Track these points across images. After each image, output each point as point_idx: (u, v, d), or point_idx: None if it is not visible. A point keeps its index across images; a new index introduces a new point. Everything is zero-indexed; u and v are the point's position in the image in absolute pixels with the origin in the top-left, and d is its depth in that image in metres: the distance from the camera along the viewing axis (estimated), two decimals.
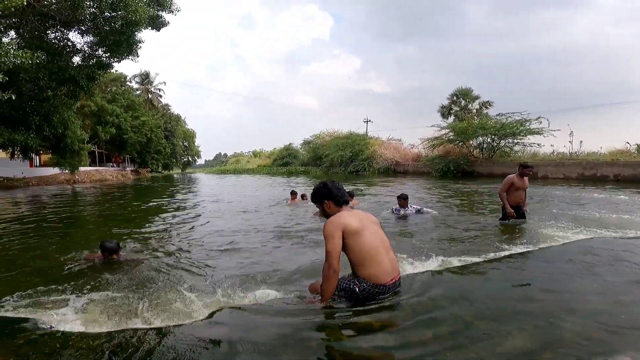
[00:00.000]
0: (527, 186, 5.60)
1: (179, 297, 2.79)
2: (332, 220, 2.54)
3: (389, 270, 2.55)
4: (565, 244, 4.28)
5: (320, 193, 2.72)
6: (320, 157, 35.99)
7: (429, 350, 1.94)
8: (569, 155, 19.40)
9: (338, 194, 2.69)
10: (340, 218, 2.54)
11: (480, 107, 34.71)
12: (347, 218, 2.55)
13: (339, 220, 2.52)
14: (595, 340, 2.04)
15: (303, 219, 7.10)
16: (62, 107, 14.26)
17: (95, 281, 3.21)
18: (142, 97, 47.87)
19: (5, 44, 7.53)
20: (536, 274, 3.25)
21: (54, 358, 1.86)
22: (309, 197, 9.61)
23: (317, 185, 2.79)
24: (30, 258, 4.24)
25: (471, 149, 23.61)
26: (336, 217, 2.58)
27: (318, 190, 2.73)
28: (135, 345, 2.01)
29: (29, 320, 2.35)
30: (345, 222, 2.51)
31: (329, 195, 2.69)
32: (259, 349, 1.98)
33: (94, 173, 28.77)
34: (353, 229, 2.49)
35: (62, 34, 11.90)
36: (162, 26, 12.45)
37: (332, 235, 2.47)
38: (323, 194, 2.70)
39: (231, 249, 4.64)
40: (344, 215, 2.58)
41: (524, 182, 5.50)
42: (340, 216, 2.57)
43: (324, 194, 2.70)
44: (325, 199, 2.69)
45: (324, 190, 2.71)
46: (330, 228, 2.49)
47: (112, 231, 6.09)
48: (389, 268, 2.55)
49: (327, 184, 2.74)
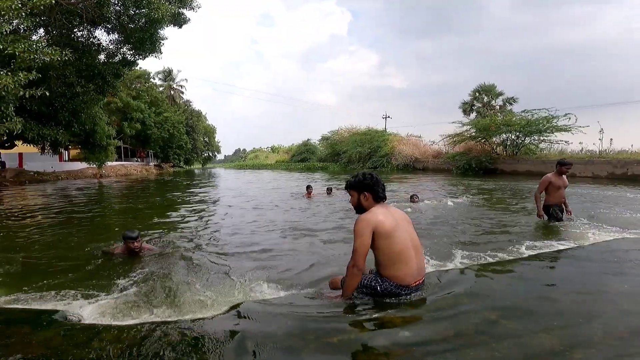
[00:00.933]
0: (567, 184, 5.26)
1: (200, 291, 2.83)
2: (365, 217, 2.42)
3: (414, 273, 2.46)
4: (595, 244, 4.12)
5: (364, 182, 2.55)
6: (339, 153, 35.90)
7: (450, 347, 1.90)
8: (599, 153, 18.55)
9: (380, 189, 2.54)
10: (374, 216, 2.42)
11: (504, 103, 33.63)
12: (381, 216, 2.42)
13: (372, 218, 2.41)
14: (625, 340, 1.97)
15: (321, 213, 7.10)
16: (90, 104, 14.79)
17: (119, 274, 3.30)
18: (164, 93, 48.99)
19: (35, 42, 7.85)
20: (564, 274, 3.15)
21: (84, 350, 1.89)
22: (334, 190, 9.76)
23: (363, 173, 2.61)
24: (58, 250, 4.41)
25: (494, 146, 22.96)
26: (370, 214, 2.45)
27: (363, 178, 2.56)
28: (159, 337, 2.04)
29: (58, 312, 2.41)
30: (378, 220, 2.39)
31: (371, 188, 2.53)
32: (280, 343, 1.98)
33: (119, 168, 29.77)
34: (385, 230, 2.37)
35: (89, 32, 12.31)
36: (184, 23, 12.68)
37: (361, 233, 2.37)
38: (367, 184, 2.54)
39: (250, 243, 4.68)
40: (378, 212, 2.45)
41: (564, 181, 5.17)
42: (374, 213, 2.44)
43: (367, 185, 2.53)
44: (367, 190, 2.53)
45: (369, 181, 2.54)
46: (362, 225, 2.39)
47: (137, 225, 6.27)
48: (415, 271, 2.46)
49: (374, 175, 2.58)
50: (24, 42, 7.35)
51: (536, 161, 19.47)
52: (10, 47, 7.16)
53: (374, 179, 2.56)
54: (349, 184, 2.65)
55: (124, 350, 1.89)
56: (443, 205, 7.77)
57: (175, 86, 54.77)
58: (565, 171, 5.14)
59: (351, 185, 2.62)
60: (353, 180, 2.61)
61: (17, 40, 7.31)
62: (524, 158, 20.49)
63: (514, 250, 3.82)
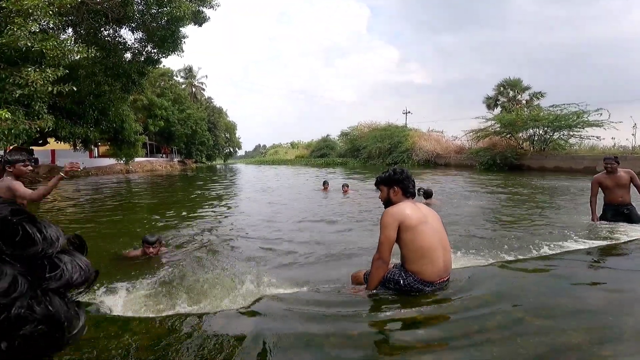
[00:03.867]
0: (627, 181, 4.58)
1: (221, 285, 2.88)
2: (391, 211, 2.44)
3: (440, 270, 2.42)
4: (628, 242, 3.92)
5: (395, 177, 2.57)
6: (358, 148, 35.65)
7: (473, 343, 1.86)
8: (631, 149, 17.56)
9: (410, 185, 2.56)
10: (401, 210, 2.43)
11: (530, 98, 32.40)
12: (408, 210, 2.42)
13: (398, 211, 2.42)
14: None
15: (338, 208, 7.07)
16: (117, 102, 15.30)
17: (144, 269, 3.40)
18: (186, 90, 50.06)
19: (63, 40, 8.16)
20: (596, 272, 3.03)
21: (115, 341, 1.95)
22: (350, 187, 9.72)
23: (394, 168, 2.65)
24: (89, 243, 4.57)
25: (520, 141, 22.16)
26: (396, 207, 2.46)
27: (394, 173, 2.59)
28: (184, 329, 2.09)
29: (91, 305, 2.48)
30: (404, 213, 2.40)
31: (401, 182, 2.55)
32: (301, 337, 1.98)
33: (145, 164, 30.72)
34: (411, 223, 2.37)
35: (115, 31, 12.69)
36: (204, 21, 12.86)
37: (387, 225, 2.39)
38: (397, 179, 2.56)
39: (270, 238, 4.73)
40: (405, 206, 2.46)
41: (617, 178, 4.58)
42: (401, 207, 2.45)
43: (396, 179, 2.56)
44: (396, 185, 2.55)
45: (400, 176, 2.57)
46: (388, 219, 2.41)
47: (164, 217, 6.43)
48: (441, 269, 2.43)
49: (405, 171, 2.62)
50: (52, 40, 7.65)
51: (565, 157, 18.65)
52: (38, 45, 7.46)
53: (404, 174, 2.58)
54: (379, 180, 2.67)
55: (152, 341, 1.95)
56: (464, 202, 7.57)
57: (197, 83, 55.83)
58: (607, 168, 4.61)
59: (382, 180, 2.64)
60: (383, 176, 2.64)
61: (46, 39, 7.62)
62: (553, 154, 19.67)
63: (541, 248, 3.70)
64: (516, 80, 32.89)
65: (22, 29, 7.19)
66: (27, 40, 7.30)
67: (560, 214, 5.83)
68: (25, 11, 7.25)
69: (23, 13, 7.26)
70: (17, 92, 7.59)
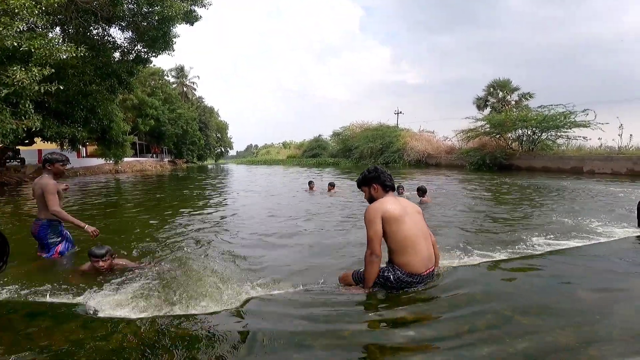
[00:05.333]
0: None
1: (212, 286, 2.86)
2: (373, 206, 2.57)
3: (425, 260, 2.54)
4: (615, 241, 4.02)
5: (370, 176, 2.74)
6: (350, 148, 35.74)
7: (464, 343, 1.89)
8: (618, 149, 17.96)
9: (386, 179, 2.71)
10: (382, 204, 2.56)
11: (519, 98, 32.89)
12: (388, 204, 2.55)
13: (380, 206, 2.54)
14: None
15: (326, 207, 7.12)
16: (105, 101, 15.08)
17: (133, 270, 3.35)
18: (177, 90, 49.60)
19: (51, 39, 8.03)
20: (582, 271, 3.08)
21: (103, 342, 1.94)
22: (337, 186, 9.79)
23: (368, 169, 2.83)
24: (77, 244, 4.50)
25: (509, 141, 22.49)
26: (378, 202, 2.60)
27: (368, 173, 2.77)
28: (175, 330, 2.09)
29: (79, 305, 2.47)
30: (386, 208, 2.52)
31: (377, 179, 2.71)
32: (291, 337, 1.99)
33: (135, 163, 30.32)
34: (393, 215, 2.49)
35: (104, 30, 12.50)
36: (195, 20, 12.75)
37: (372, 220, 2.49)
38: (372, 177, 2.73)
39: (259, 239, 4.72)
40: (386, 201, 2.59)
41: None
42: (382, 202, 2.59)
43: (373, 177, 2.72)
44: (374, 183, 2.71)
45: (374, 174, 2.74)
46: (372, 213, 2.52)
47: (152, 217, 6.37)
48: (426, 258, 2.55)
49: (378, 168, 2.80)
50: (40, 40, 7.52)
51: (553, 157, 18.99)
52: (26, 44, 7.33)
53: (377, 171, 2.76)
54: (358, 182, 2.85)
55: (142, 343, 1.94)
56: (454, 201, 7.67)
57: (188, 83, 55.38)
58: None
59: (359, 182, 2.83)
60: (360, 178, 2.82)
61: (34, 38, 7.48)
62: (541, 154, 20.01)
63: (531, 247, 3.76)
64: (505, 81, 33.35)
65: (9, 29, 7.05)
66: (14, 40, 7.16)
67: (549, 213, 5.94)
68: (12, 10, 7.11)
69: (10, 12, 7.13)
70: (3, 91, 7.44)
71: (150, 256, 3.83)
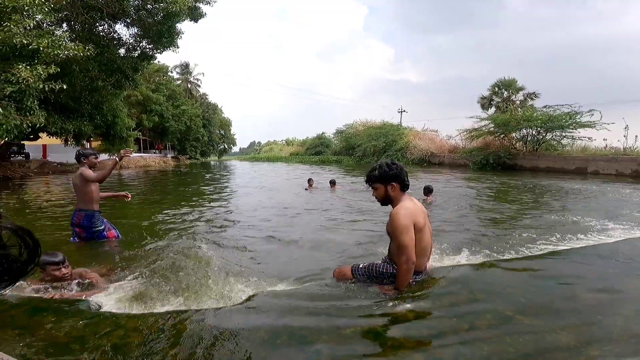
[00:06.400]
0: None
1: (215, 282, 2.88)
2: (405, 213, 2.36)
3: (427, 261, 2.59)
4: (615, 242, 4.01)
5: (391, 173, 2.42)
6: (353, 146, 35.68)
7: (464, 341, 1.91)
8: (623, 150, 17.83)
9: (406, 178, 2.46)
10: (411, 210, 2.38)
11: (524, 98, 32.70)
12: (415, 211, 2.39)
13: (410, 213, 2.37)
14: None
15: (327, 204, 7.15)
16: (110, 97, 15.17)
17: (136, 265, 3.36)
18: (182, 86, 49.66)
19: (58, 37, 8.08)
20: (584, 272, 3.08)
21: (105, 338, 1.94)
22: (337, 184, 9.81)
23: (386, 163, 2.49)
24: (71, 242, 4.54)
25: (513, 141, 22.38)
26: (405, 208, 2.38)
27: (389, 169, 2.43)
28: (176, 326, 2.10)
29: (81, 302, 2.47)
30: (416, 217, 2.37)
31: (398, 177, 2.42)
32: (293, 334, 2.00)
33: (138, 159, 30.45)
34: (420, 225, 2.38)
35: (110, 27, 12.56)
36: (200, 17, 12.78)
37: (407, 228, 2.32)
38: (394, 174, 2.42)
39: (261, 236, 4.74)
40: (412, 208, 2.40)
41: None
42: (409, 207, 2.39)
43: (393, 175, 2.42)
44: (394, 181, 2.43)
45: (395, 171, 2.42)
46: (405, 220, 2.33)
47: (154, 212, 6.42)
48: (428, 259, 2.60)
49: (398, 163, 2.48)
50: (48, 37, 7.57)
51: (557, 157, 18.88)
52: (34, 42, 7.38)
53: (399, 167, 2.45)
54: (372, 177, 2.50)
55: (144, 339, 1.94)
56: (457, 201, 7.66)
57: (192, 79, 55.41)
58: None
59: (376, 178, 2.48)
60: (378, 173, 2.46)
61: (41, 36, 7.53)
62: (545, 154, 19.90)
63: (532, 247, 3.75)
64: (511, 80, 33.15)
65: (19, 26, 7.11)
66: (23, 37, 7.21)
67: (551, 213, 5.93)
68: (21, 8, 7.16)
69: (19, 10, 7.18)
70: (8, 89, 7.50)
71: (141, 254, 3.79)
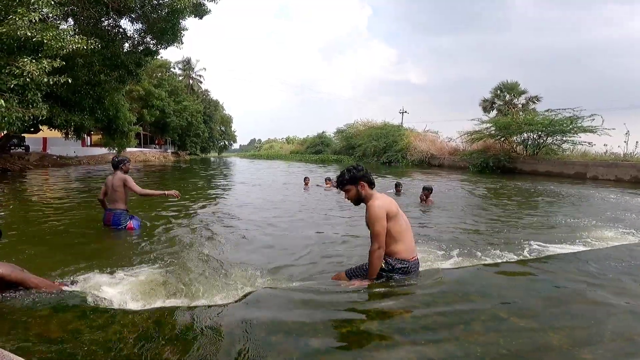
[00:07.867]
0: None
1: (213, 279, 2.91)
2: (378, 203, 2.68)
3: (411, 249, 2.78)
4: (614, 247, 4.06)
5: (356, 174, 2.77)
6: (353, 146, 35.70)
7: (458, 342, 1.94)
8: (623, 156, 17.87)
9: (371, 175, 2.81)
10: (383, 202, 2.70)
11: (527, 101, 32.68)
12: (388, 202, 2.72)
13: (384, 203, 2.69)
14: (635, 342, 1.99)
15: (322, 202, 7.20)
16: (112, 92, 15.18)
17: (134, 260, 3.41)
18: (183, 82, 49.58)
19: (63, 30, 8.08)
20: (580, 276, 3.11)
21: (100, 333, 1.92)
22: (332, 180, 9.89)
23: (349, 168, 2.83)
24: (72, 234, 4.58)
25: (514, 145, 22.40)
26: (378, 200, 2.72)
27: (354, 171, 2.78)
28: (173, 322, 2.10)
29: (77, 296, 2.45)
30: (389, 206, 2.69)
31: (364, 176, 2.77)
32: (290, 332, 2.02)
33: (138, 154, 30.47)
34: (393, 212, 2.68)
35: (115, 22, 12.56)
36: (205, 14, 12.77)
37: (380, 217, 2.63)
38: (361, 175, 2.77)
39: (258, 233, 4.80)
40: (384, 199, 2.74)
41: None
42: (382, 199, 2.72)
43: (360, 176, 2.77)
44: (363, 180, 2.77)
45: (362, 172, 2.79)
46: (378, 211, 2.64)
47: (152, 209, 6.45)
48: (412, 247, 2.79)
49: (359, 165, 2.84)
50: (52, 31, 7.57)
51: (557, 162, 18.91)
52: (38, 35, 7.39)
53: (364, 168, 2.84)
54: (344, 181, 2.80)
55: (140, 334, 1.93)
56: (454, 202, 7.71)
57: (194, 76, 55.32)
58: None
59: (347, 181, 2.79)
60: (348, 176, 2.79)
61: (46, 29, 7.54)
62: (545, 158, 19.93)
63: (529, 250, 3.81)
64: (513, 83, 33.11)
65: (24, 19, 7.11)
66: (28, 30, 7.21)
67: (548, 217, 5.99)
68: (27, 1, 7.17)
69: (25, 3, 7.18)
70: (12, 81, 7.51)
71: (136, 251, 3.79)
